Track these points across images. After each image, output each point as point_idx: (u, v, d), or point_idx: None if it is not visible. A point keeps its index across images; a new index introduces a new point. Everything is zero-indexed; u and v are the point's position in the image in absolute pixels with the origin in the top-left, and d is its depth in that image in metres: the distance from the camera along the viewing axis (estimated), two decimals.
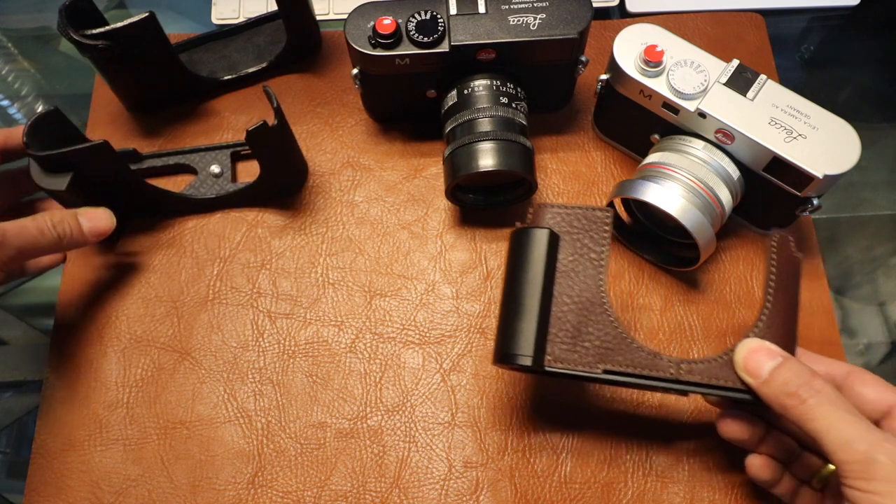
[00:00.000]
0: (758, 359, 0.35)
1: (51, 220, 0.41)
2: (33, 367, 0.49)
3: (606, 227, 0.39)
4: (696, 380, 0.36)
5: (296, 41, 0.55)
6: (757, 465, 0.40)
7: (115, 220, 0.45)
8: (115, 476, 0.45)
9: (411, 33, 0.45)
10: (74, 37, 0.46)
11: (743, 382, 0.36)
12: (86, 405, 0.46)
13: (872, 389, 0.36)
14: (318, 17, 0.56)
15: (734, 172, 0.45)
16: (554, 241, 0.39)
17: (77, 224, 0.42)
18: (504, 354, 0.38)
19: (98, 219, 0.44)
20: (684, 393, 0.38)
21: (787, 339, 0.37)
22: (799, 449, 0.40)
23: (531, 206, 0.41)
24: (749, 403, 0.37)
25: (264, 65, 0.56)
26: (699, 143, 0.45)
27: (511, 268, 0.39)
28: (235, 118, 0.55)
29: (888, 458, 0.31)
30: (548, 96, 0.52)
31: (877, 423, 0.35)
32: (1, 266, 0.38)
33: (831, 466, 0.38)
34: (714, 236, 0.44)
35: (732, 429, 0.39)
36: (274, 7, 0.56)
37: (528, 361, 0.37)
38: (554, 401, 0.46)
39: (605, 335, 0.38)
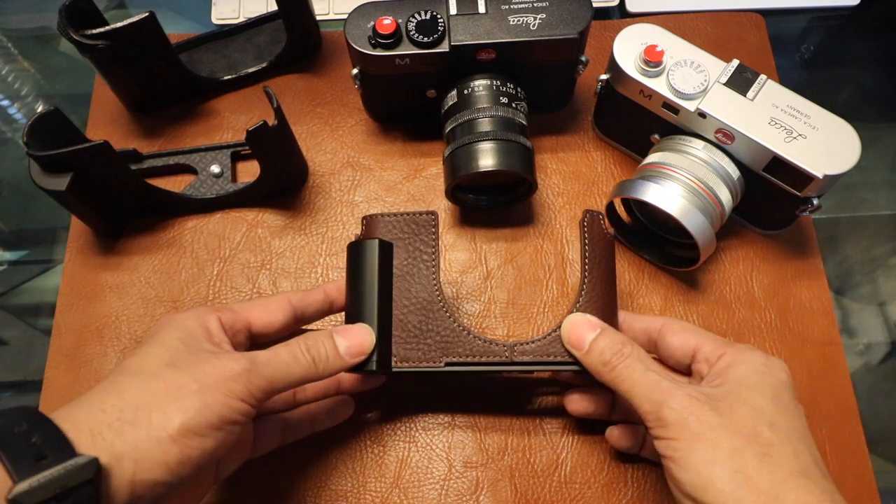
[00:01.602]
0: (579, 332, 0.38)
1: (304, 343, 0.36)
2: (33, 367, 0.49)
3: (433, 230, 0.42)
4: (529, 359, 0.39)
5: (296, 41, 0.55)
6: (615, 435, 0.42)
7: (374, 336, 0.38)
8: None
9: (411, 33, 0.45)
10: (74, 37, 0.46)
11: (571, 355, 0.39)
12: None
13: (677, 337, 0.38)
14: (318, 17, 0.56)
15: (734, 172, 0.45)
16: (386, 249, 0.41)
17: (332, 344, 0.37)
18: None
19: (355, 336, 0.38)
20: (528, 372, 0.41)
21: (606, 308, 0.40)
22: None
23: (363, 220, 0.43)
24: (580, 373, 0.39)
25: (264, 65, 0.56)
26: (699, 143, 0.45)
27: (349, 281, 0.41)
28: (235, 118, 0.55)
29: (677, 404, 0.33)
30: (548, 96, 0.52)
31: (688, 366, 0.38)
32: (251, 398, 0.33)
33: None
34: (714, 236, 0.44)
35: (578, 405, 0.42)
36: (274, 7, 0.56)
37: (372, 366, 0.38)
38: (555, 401, 0.46)
39: (443, 330, 0.40)
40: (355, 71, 0.48)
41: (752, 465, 0.31)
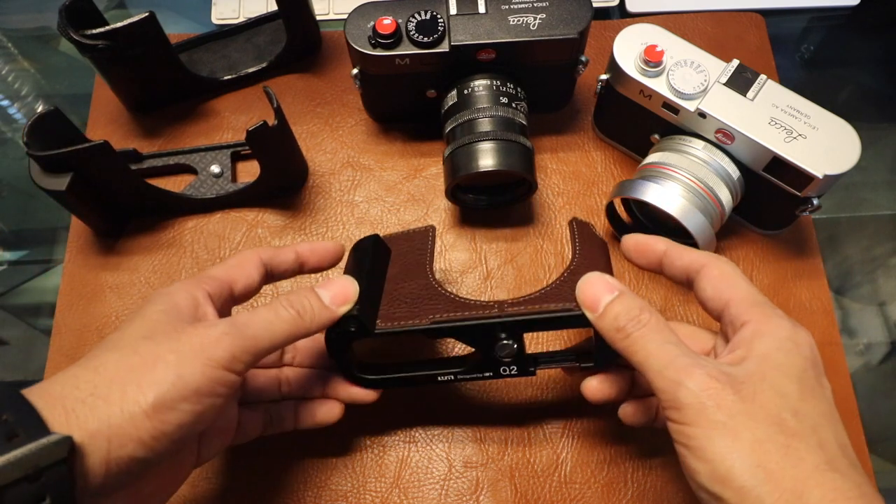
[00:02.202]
0: (595, 292, 0.35)
1: (286, 298, 0.35)
2: (33, 367, 0.49)
3: (431, 237, 0.44)
4: (521, 311, 0.36)
5: (296, 41, 0.55)
6: (629, 412, 0.39)
7: (357, 285, 0.38)
8: None
9: (411, 33, 0.45)
10: (74, 37, 0.46)
11: (566, 308, 0.36)
12: None
13: (711, 287, 0.35)
14: (318, 17, 0.56)
15: (734, 172, 0.45)
16: (380, 243, 0.42)
17: (315, 296, 0.36)
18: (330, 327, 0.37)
19: (338, 285, 0.37)
20: (530, 370, 0.38)
21: (600, 269, 0.37)
22: None
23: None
24: (577, 325, 0.36)
25: (264, 65, 0.56)
26: (699, 143, 0.45)
27: (346, 268, 0.42)
28: (235, 118, 0.55)
29: (695, 385, 0.30)
30: (548, 96, 0.52)
31: (719, 315, 0.35)
32: (236, 362, 0.32)
33: None
34: (714, 236, 0.44)
35: (596, 391, 0.39)
36: (274, 7, 0.56)
37: (354, 311, 0.37)
38: (555, 400, 0.46)
39: (430, 297, 0.39)
40: (355, 71, 0.48)
41: (775, 460, 0.28)
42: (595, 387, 0.39)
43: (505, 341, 0.37)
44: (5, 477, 0.25)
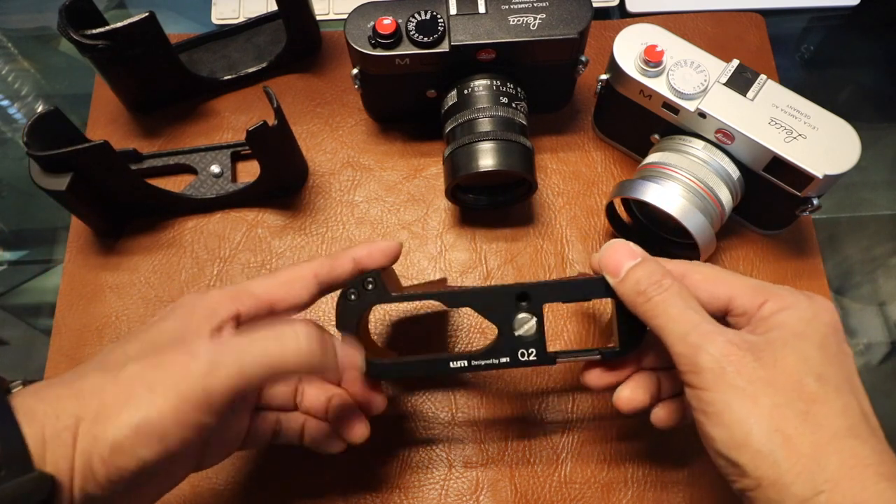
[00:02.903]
0: (617, 258, 0.35)
1: (304, 328, 0.31)
2: (33, 367, 0.49)
3: (443, 280, 0.48)
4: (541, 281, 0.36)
5: (296, 41, 0.55)
6: (661, 416, 0.38)
7: (363, 353, 0.36)
8: None
9: (411, 33, 0.45)
10: (74, 37, 0.46)
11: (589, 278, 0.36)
12: None
13: (703, 291, 0.34)
14: (318, 17, 0.56)
15: (734, 172, 0.45)
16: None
17: (333, 340, 0.34)
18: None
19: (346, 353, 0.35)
20: (550, 356, 0.36)
21: None
22: None
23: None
24: (598, 288, 0.35)
25: (264, 65, 0.56)
26: (699, 143, 0.45)
27: None
28: (235, 118, 0.55)
29: (716, 350, 0.30)
30: (548, 96, 0.52)
31: (721, 319, 0.34)
32: (212, 404, 0.29)
33: None
34: (714, 236, 0.44)
35: (629, 400, 0.37)
36: (274, 7, 0.56)
37: (375, 272, 0.36)
38: (554, 400, 0.46)
39: (449, 287, 0.40)
40: (355, 71, 0.48)
41: (794, 425, 0.28)
42: (627, 396, 0.37)
43: (525, 313, 0.36)
44: None
